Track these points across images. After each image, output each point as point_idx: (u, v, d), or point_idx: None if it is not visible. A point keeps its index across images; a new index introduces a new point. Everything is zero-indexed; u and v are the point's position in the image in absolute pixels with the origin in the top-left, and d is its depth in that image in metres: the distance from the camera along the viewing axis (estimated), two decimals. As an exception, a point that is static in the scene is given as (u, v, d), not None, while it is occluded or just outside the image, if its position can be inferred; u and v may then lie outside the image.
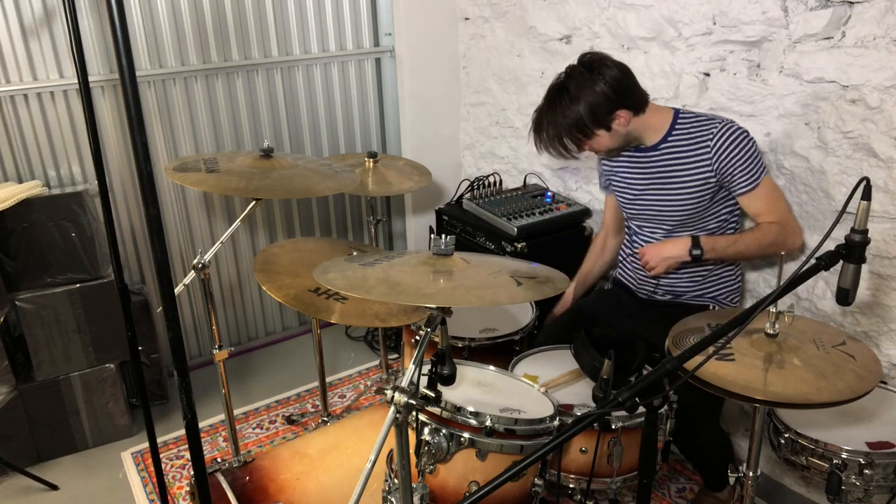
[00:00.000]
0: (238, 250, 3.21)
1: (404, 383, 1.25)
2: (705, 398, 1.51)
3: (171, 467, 2.55)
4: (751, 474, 1.52)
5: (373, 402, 2.91)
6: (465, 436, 1.48)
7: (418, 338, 1.31)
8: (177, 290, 1.44)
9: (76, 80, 1.80)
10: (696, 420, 1.89)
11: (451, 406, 1.50)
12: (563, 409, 1.71)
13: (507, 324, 2.21)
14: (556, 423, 1.60)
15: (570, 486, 1.73)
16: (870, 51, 1.78)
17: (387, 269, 1.40)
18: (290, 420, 2.79)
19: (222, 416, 2.79)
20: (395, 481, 1.50)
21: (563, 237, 2.65)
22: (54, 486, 2.44)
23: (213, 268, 3.13)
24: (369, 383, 3.04)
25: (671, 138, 1.98)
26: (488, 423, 1.49)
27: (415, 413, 1.40)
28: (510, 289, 1.34)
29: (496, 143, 3.21)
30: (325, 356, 3.14)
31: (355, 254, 1.96)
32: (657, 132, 2.00)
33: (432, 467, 1.49)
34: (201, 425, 2.78)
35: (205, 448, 2.63)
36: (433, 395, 1.35)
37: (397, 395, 1.23)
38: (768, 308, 1.41)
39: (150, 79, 2.77)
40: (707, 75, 2.20)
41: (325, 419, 2.56)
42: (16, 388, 2.45)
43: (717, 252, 1.96)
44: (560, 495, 1.79)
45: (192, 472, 1.29)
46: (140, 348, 2.68)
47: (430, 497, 1.49)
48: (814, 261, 1.28)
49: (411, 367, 1.27)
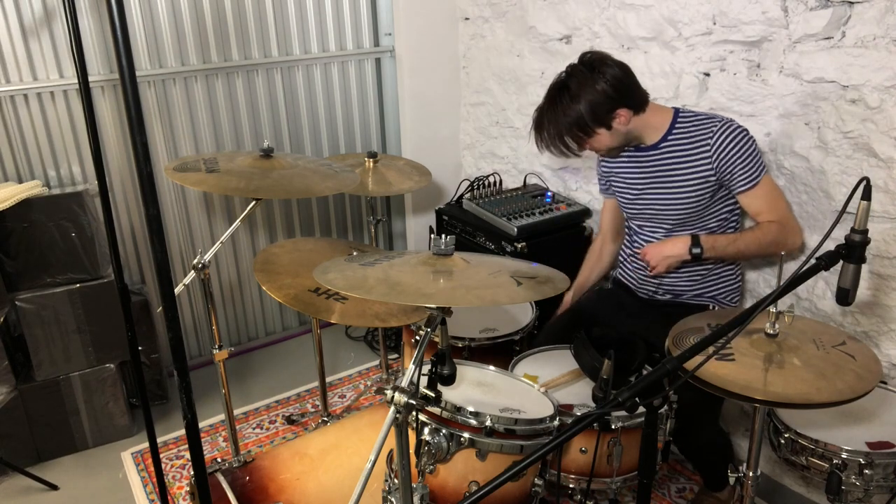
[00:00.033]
0: (238, 250, 3.21)
1: (404, 383, 1.25)
2: (705, 398, 1.51)
3: (171, 467, 2.55)
4: (751, 474, 1.52)
5: (373, 402, 2.91)
6: (465, 436, 1.48)
7: (418, 338, 1.31)
8: (177, 290, 1.44)
9: (76, 80, 1.80)
10: (696, 420, 1.89)
11: (451, 406, 1.50)
12: (563, 409, 1.71)
13: (507, 324, 2.21)
14: (556, 423, 1.60)
15: (570, 486, 1.73)
16: (870, 51, 1.78)
17: (387, 269, 1.40)
18: (290, 420, 2.79)
19: (222, 416, 2.79)
20: (395, 481, 1.50)
21: (563, 237, 2.65)
22: (54, 486, 2.44)
23: (213, 268, 3.13)
24: (369, 383, 3.04)
25: (671, 137, 1.98)
26: (488, 423, 1.49)
27: (415, 413, 1.40)
28: (510, 289, 1.34)
29: (496, 143, 3.21)
30: (325, 356, 3.14)
31: (355, 254, 1.96)
32: (657, 131, 2.00)
33: (432, 467, 1.49)
34: (201, 425, 2.78)
35: (205, 448, 2.63)
36: (433, 395, 1.35)
37: (397, 395, 1.23)
38: (768, 308, 1.41)
39: (150, 79, 2.77)
40: (707, 75, 2.20)
41: (325, 419, 2.56)
42: (16, 388, 2.45)
43: (717, 251, 1.96)
44: (560, 495, 1.79)
45: (192, 472, 1.29)
46: (140, 348, 2.68)
47: (430, 497, 1.49)
48: (814, 261, 1.28)
49: (411, 367, 1.27)
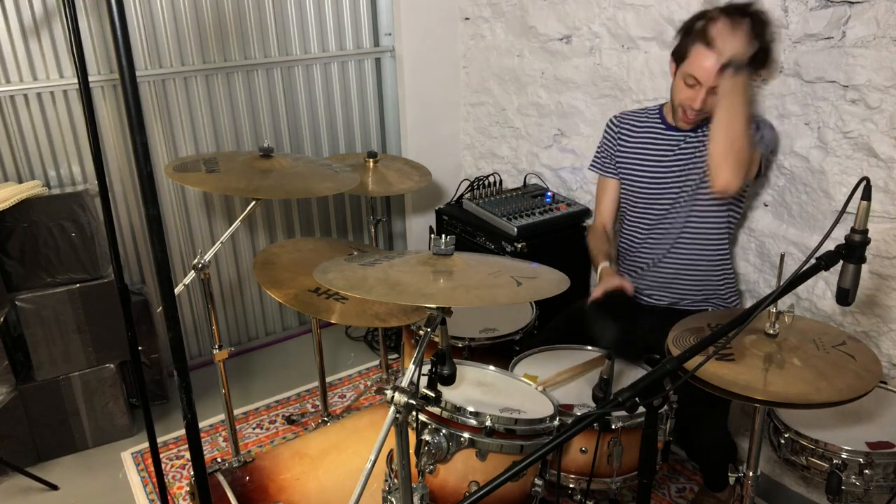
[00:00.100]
0: (238, 250, 3.21)
1: (404, 383, 1.25)
2: (709, 397, 1.51)
3: (171, 467, 2.55)
4: (751, 474, 1.52)
5: (373, 402, 2.91)
6: (465, 436, 1.48)
7: (418, 338, 1.31)
8: (177, 290, 1.44)
9: (76, 80, 1.80)
10: (698, 419, 1.89)
11: (451, 406, 1.50)
12: (563, 409, 1.71)
13: (507, 324, 2.21)
14: (556, 423, 1.60)
15: (570, 486, 1.73)
16: (870, 51, 1.78)
17: (387, 269, 1.40)
18: (290, 420, 2.79)
19: (222, 416, 2.79)
20: (395, 481, 1.50)
21: (563, 237, 2.65)
22: (54, 486, 2.44)
23: (213, 268, 3.13)
24: (369, 383, 3.04)
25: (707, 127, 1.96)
26: (488, 423, 1.49)
27: (415, 413, 1.40)
28: (510, 289, 1.34)
29: (496, 143, 3.21)
30: (325, 356, 3.14)
31: (355, 254, 1.96)
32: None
33: (432, 467, 1.49)
34: (201, 425, 2.78)
35: (205, 448, 2.63)
36: (433, 395, 1.35)
37: (397, 395, 1.23)
38: (768, 308, 1.41)
39: (150, 79, 2.77)
40: (707, 75, 2.20)
41: (325, 419, 2.56)
42: (16, 388, 2.45)
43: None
44: (560, 495, 1.79)
45: (192, 472, 1.29)
46: (140, 348, 2.68)
47: (430, 497, 1.49)
48: (814, 261, 1.28)
49: (411, 367, 1.27)
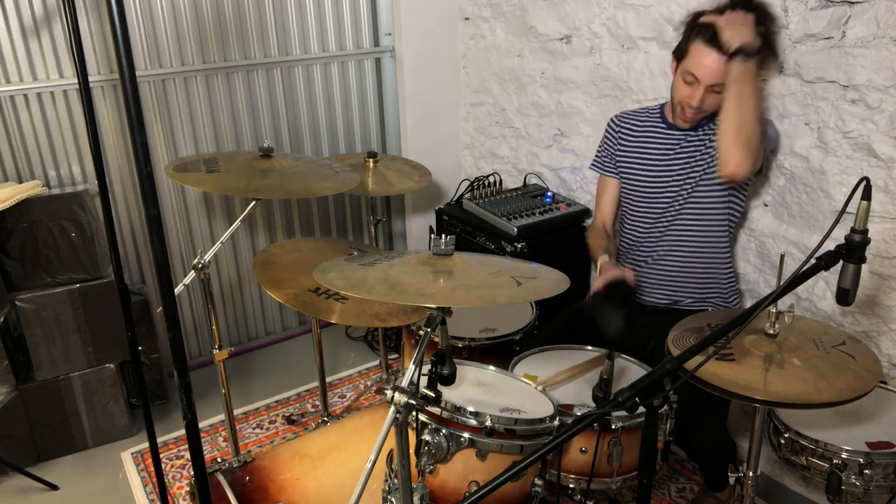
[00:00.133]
0: (238, 250, 3.21)
1: (404, 383, 1.25)
2: (709, 397, 1.51)
3: (171, 467, 2.55)
4: (751, 474, 1.52)
5: (373, 402, 2.91)
6: (465, 436, 1.48)
7: (418, 338, 1.31)
8: (177, 290, 1.44)
9: (76, 80, 1.80)
10: (698, 419, 1.89)
11: (451, 406, 1.50)
12: (563, 409, 1.71)
13: (507, 324, 2.21)
14: (556, 423, 1.60)
15: (570, 486, 1.73)
16: (870, 51, 1.78)
17: (387, 269, 1.40)
18: (290, 420, 2.79)
19: (222, 416, 2.79)
20: (395, 481, 1.50)
21: (563, 237, 2.65)
22: (54, 486, 2.44)
23: (213, 268, 3.13)
24: (369, 383, 3.04)
25: (713, 125, 1.96)
26: (488, 423, 1.48)
27: (415, 413, 1.40)
28: (510, 289, 1.34)
29: (496, 143, 3.21)
30: (325, 356, 3.14)
31: (355, 254, 1.96)
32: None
33: (432, 467, 1.49)
34: (201, 425, 2.78)
35: (205, 448, 2.63)
36: (433, 395, 1.35)
37: (397, 395, 1.23)
38: (768, 308, 1.41)
39: (150, 79, 2.77)
40: (707, 75, 2.20)
41: (325, 419, 2.56)
42: (16, 388, 2.45)
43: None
44: (560, 495, 1.79)
45: (192, 472, 1.29)
46: (140, 348, 2.68)
47: (430, 497, 1.49)
48: (814, 261, 1.28)
49: (411, 367, 1.27)
